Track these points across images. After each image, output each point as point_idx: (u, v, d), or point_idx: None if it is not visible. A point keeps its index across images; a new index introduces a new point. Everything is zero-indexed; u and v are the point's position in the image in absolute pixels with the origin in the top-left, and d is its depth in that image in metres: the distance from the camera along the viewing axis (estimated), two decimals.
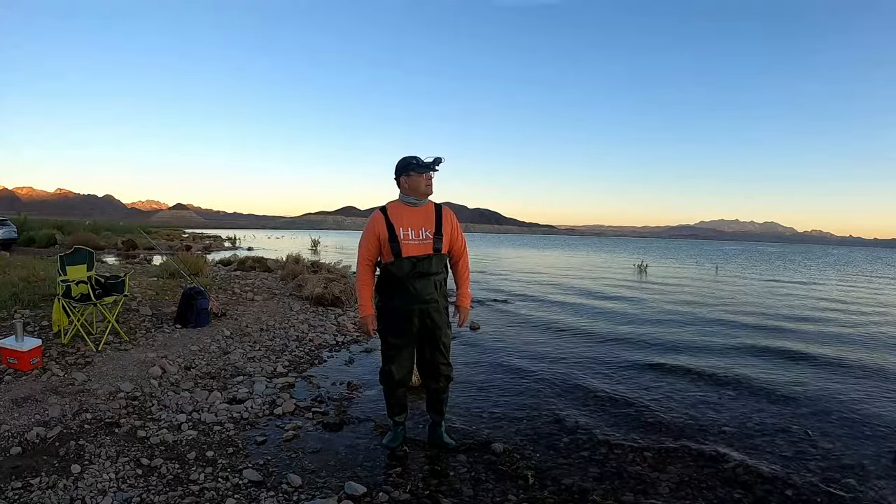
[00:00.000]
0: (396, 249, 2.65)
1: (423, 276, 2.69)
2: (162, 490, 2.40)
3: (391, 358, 2.84)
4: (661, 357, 5.46)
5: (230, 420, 3.24)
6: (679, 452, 3.07)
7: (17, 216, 23.90)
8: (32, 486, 2.33)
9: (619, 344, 6.10)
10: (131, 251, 19.55)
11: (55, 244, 18.86)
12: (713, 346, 6.15)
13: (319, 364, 4.74)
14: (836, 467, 2.96)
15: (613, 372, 4.82)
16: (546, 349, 5.69)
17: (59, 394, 3.35)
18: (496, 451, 2.96)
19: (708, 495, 2.59)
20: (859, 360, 5.63)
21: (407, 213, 2.72)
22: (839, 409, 3.95)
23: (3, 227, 17.22)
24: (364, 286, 2.78)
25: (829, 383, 4.66)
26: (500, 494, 2.53)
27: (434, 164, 2.70)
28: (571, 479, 2.71)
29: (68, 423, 2.99)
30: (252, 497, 2.38)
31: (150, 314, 5.56)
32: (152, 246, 19.26)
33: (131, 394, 3.49)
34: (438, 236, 2.73)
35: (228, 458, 2.75)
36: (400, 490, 2.51)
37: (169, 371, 3.98)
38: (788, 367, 5.24)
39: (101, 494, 2.32)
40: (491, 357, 5.23)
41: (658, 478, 2.75)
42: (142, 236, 22.78)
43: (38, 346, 3.78)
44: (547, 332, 6.69)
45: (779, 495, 2.62)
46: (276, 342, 5.25)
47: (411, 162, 2.70)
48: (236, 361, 4.47)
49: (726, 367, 5.09)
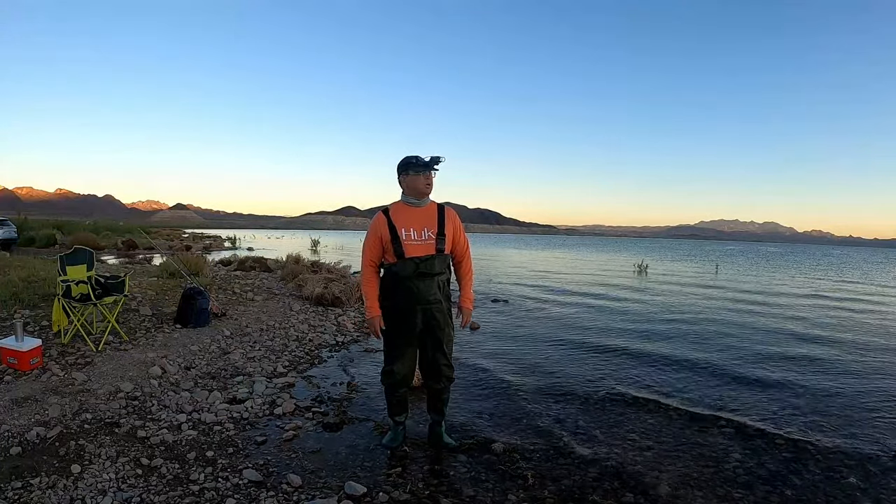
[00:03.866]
0: (399, 250, 2.65)
1: (427, 277, 2.69)
2: (162, 490, 2.39)
3: (394, 358, 2.84)
4: (661, 357, 5.46)
5: (230, 420, 3.24)
6: (679, 452, 3.07)
7: (17, 216, 23.90)
8: (32, 486, 2.33)
9: (618, 344, 6.09)
10: (131, 251, 19.56)
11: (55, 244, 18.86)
12: (713, 346, 6.15)
13: (319, 364, 4.74)
14: (837, 467, 2.96)
15: (613, 372, 4.82)
16: (546, 349, 5.69)
17: (59, 394, 3.35)
18: (496, 451, 2.96)
19: (708, 495, 2.59)
20: (859, 359, 5.63)
21: (409, 214, 2.72)
22: (839, 409, 3.95)
23: (3, 227, 17.22)
24: (370, 287, 2.78)
25: (828, 382, 4.66)
26: (500, 494, 2.52)
27: (433, 164, 2.70)
28: (571, 479, 2.71)
29: (68, 423, 2.99)
30: (252, 497, 2.38)
31: (150, 314, 5.56)
32: (152, 246, 19.26)
33: (131, 394, 3.49)
34: (441, 236, 2.72)
35: (228, 458, 2.75)
36: (400, 490, 2.51)
37: (169, 371, 3.98)
38: (788, 367, 5.24)
39: (101, 494, 2.31)
40: (491, 357, 5.22)
41: (658, 478, 2.75)
42: (142, 236, 22.78)
43: (38, 346, 3.78)
44: (547, 333, 6.68)
45: (779, 495, 2.62)
46: (276, 342, 5.25)
47: (411, 161, 2.69)
48: (236, 361, 4.47)
49: (726, 368, 5.10)
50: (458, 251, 2.87)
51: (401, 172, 2.73)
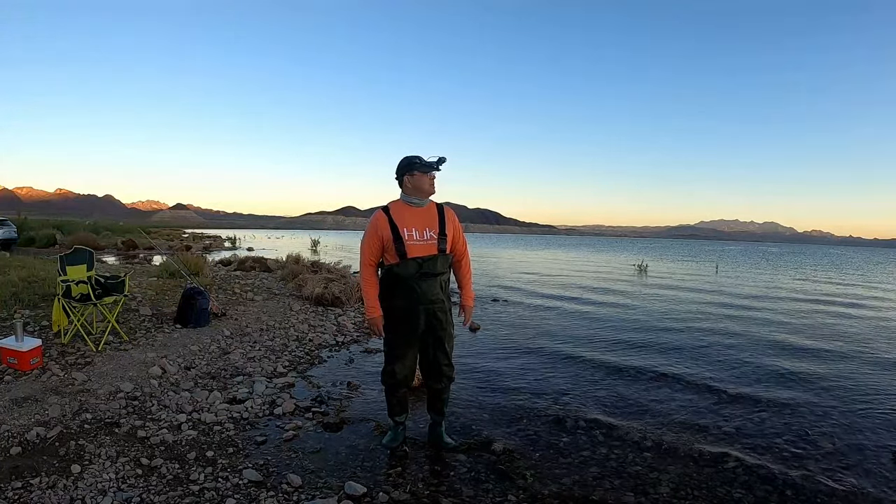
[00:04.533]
0: (401, 250, 2.64)
1: (429, 277, 2.69)
2: (162, 490, 2.39)
3: (394, 358, 2.84)
4: (661, 358, 5.47)
5: (230, 420, 3.24)
6: (679, 452, 3.07)
7: (17, 216, 23.90)
8: (32, 486, 2.33)
9: (619, 345, 6.10)
10: (131, 251, 19.55)
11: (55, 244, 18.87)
12: (713, 346, 6.15)
13: (319, 364, 4.74)
14: (837, 467, 2.96)
15: (613, 373, 4.82)
16: (546, 349, 5.68)
17: (59, 394, 3.35)
18: (496, 451, 2.96)
19: (708, 495, 2.59)
20: (859, 358, 5.63)
21: (410, 214, 2.71)
22: (839, 409, 3.95)
23: (3, 227, 17.22)
24: (369, 287, 2.76)
25: (828, 382, 4.66)
26: (500, 494, 2.52)
27: (438, 164, 2.70)
28: (571, 479, 2.71)
29: (68, 423, 2.99)
30: (252, 497, 2.38)
31: (150, 314, 5.56)
32: (152, 246, 19.27)
33: (131, 394, 3.49)
34: (443, 236, 2.72)
35: (228, 458, 2.75)
36: (400, 490, 2.51)
37: (169, 371, 3.98)
38: (788, 367, 5.23)
39: (101, 494, 2.32)
40: (491, 357, 5.23)
41: (658, 478, 2.75)
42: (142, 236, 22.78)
43: (38, 346, 3.78)
44: (547, 334, 6.68)
45: (779, 495, 2.62)
46: (276, 342, 5.25)
47: (415, 161, 2.69)
48: (236, 361, 4.47)
49: (726, 368, 5.10)
50: (458, 250, 2.87)
51: (404, 172, 2.72)
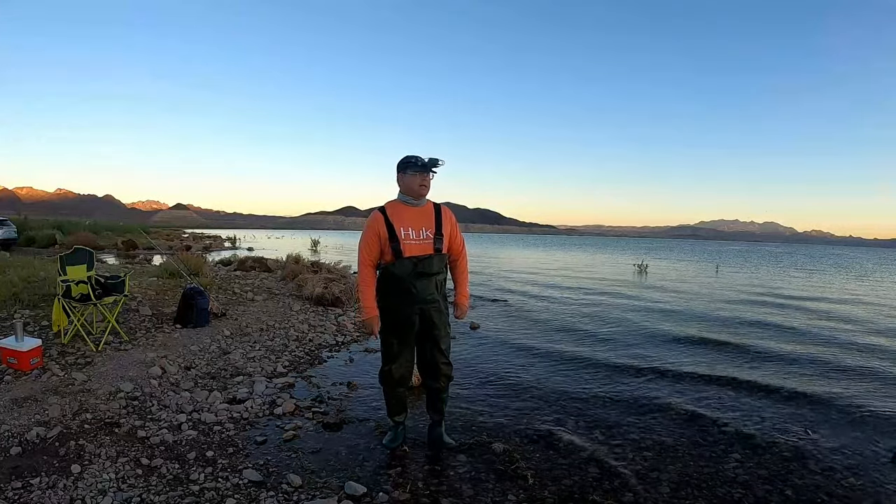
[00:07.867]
0: (398, 249, 2.64)
1: (425, 276, 2.69)
2: (162, 490, 2.40)
3: (391, 358, 2.84)
4: (661, 357, 5.47)
5: (230, 420, 3.24)
6: (679, 452, 3.07)
7: (17, 216, 23.90)
8: (32, 486, 2.33)
9: (619, 345, 6.10)
10: (131, 251, 19.55)
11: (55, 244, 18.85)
12: (713, 346, 6.15)
13: (319, 364, 4.74)
14: (837, 467, 2.96)
15: (613, 373, 4.82)
16: (546, 350, 5.68)
17: (59, 394, 3.35)
18: (496, 451, 2.96)
19: (708, 495, 2.60)
20: (859, 359, 5.63)
21: (406, 213, 2.71)
22: (839, 409, 3.95)
23: (3, 227, 17.22)
24: (367, 287, 2.76)
25: (828, 382, 4.66)
26: (500, 494, 2.53)
27: (431, 166, 2.69)
28: (571, 479, 2.71)
29: (68, 423, 2.99)
30: (252, 497, 2.38)
31: (150, 314, 5.56)
32: (152, 246, 19.26)
33: (131, 394, 3.49)
34: (439, 236, 2.72)
35: (228, 458, 2.75)
36: (400, 490, 2.51)
37: (169, 371, 3.98)
38: (787, 367, 5.24)
39: (101, 494, 2.32)
40: (491, 357, 5.23)
41: (658, 478, 2.75)
42: (142, 236, 22.78)
43: (38, 346, 3.78)
44: (547, 333, 6.68)
45: (779, 495, 2.62)
46: (276, 342, 5.25)
47: (410, 161, 2.69)
48: (236, 361, 4.47)
49: (726, 368, 5.09)
50: (455, 250, 2.87)
51: (399, 171, 2.73)
